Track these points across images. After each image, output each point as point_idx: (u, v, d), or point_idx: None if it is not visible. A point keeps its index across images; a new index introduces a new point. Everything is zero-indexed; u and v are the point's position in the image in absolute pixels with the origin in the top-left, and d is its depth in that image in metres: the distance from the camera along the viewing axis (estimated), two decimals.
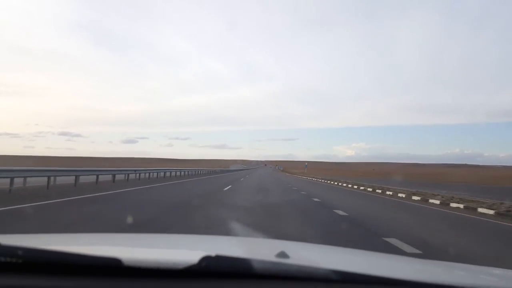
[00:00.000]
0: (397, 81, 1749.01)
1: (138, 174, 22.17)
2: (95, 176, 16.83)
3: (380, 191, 20.34)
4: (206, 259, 0.97)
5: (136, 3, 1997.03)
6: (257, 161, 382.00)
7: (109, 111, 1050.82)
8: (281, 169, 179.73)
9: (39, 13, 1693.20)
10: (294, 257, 1.16)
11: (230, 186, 19.51)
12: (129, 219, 6.57)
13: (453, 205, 12.66)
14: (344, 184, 28.72)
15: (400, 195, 17.13)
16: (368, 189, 22.40)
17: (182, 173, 34.19)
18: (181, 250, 1.56)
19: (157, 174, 26.46)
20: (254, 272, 0.96)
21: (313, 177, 48.86)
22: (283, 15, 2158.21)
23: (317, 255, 1.62)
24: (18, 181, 11.92)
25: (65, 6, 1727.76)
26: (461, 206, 12.16)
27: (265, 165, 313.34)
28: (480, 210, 11.05)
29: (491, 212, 10.56)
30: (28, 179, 12.82)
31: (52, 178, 13.44)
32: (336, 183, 32.07)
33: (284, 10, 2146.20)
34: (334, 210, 9.72)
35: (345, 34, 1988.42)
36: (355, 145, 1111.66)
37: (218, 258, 0.99)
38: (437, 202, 13.73)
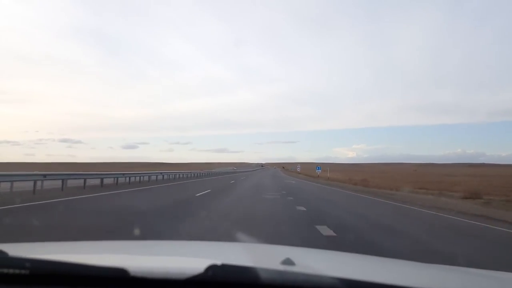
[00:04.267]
0: (399, 82, 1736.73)
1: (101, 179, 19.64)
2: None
3: None
4: (212, 268, 1.01)
5: (137, 8, 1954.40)
6: (256, 164, 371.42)
7: (109, 117, 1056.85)
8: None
9: (38, 18, 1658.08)
10: (299, 264, 1.18)
11: None
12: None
13: None
14: None
15: None
16: None
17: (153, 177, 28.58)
18: (186, 258, 1.60)
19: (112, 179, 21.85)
20: (260, 282, 1.00)
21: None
22: (284, 18, 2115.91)
23: (323, 262, 1.63)
24: None
25: (65, 11, 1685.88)
26: None
27: (262, 166, 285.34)
28: None
29: None
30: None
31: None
32: None
33: (285, 13, 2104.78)
34: None
35: (346, 36, 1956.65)
36: (355, 147, 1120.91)
37: (224, 267, 1.03)
38: None
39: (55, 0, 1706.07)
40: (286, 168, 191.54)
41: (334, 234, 6.30)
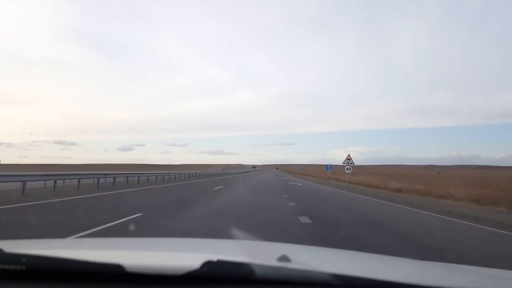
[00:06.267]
0: (396, 85, 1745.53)
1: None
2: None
3: None
4: (207, 264, 1.03)
5: (134, 9, 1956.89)
6: (252, 165, 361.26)
7: (105, 119, 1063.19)
8: None
9: (35, 20, 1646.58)
10: (295, 261, 1.19)
11: None
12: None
13: None
14: None
15: None
16: None
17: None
18: (182, 255, 1.63)
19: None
20: (256, 277, 1.01)
21: None
22: (282, 21, 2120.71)
23: (319, 259, 1.65)
24: None
25: (62, 13, 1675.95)
26: None
27: (254, 167, 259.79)
28: None
29: None
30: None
31: None
32: None
33: (283, 15, 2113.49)
34: None
35: (344, 38, 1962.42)
36: (352, 149, 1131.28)
37: (220, 263, 1.05)
38: None
39: (51, 2, 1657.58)
40: (290, 170, 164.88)
41: None
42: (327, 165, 47.82)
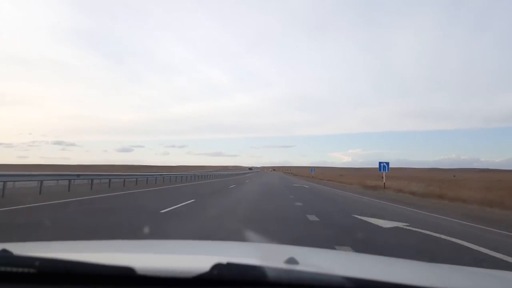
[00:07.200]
0: (395, 87, 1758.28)
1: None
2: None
3: None
4: (217, 267, 1.03)
5: (133, 10, 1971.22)
6: (249, 167, 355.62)
7: (104, 120, 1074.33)
8: None
9: (33, 20, 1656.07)
10: (303, 263, 1.19)
11: None
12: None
13: None
14: None
15: None
16: None
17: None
18: (192, 257, 1.64)
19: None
20: (266, 280, 1.01)
21: None
22: (281, 22, 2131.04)
23: (327, 261, 1.64)
24: None
25: (61, 13, 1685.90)
26: None
27: (250, 168, 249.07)
28: None
29: None
30: None
31: None
32: None
33: (283, 17, 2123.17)
34: None
35: (344, 41, 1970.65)
36: (351, 152, 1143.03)
37: (230, 265, 1.05)
38: None
39: (51, 2, 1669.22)
40: (293, 172, 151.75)
41: None
42: (379, 163, 26.89)
